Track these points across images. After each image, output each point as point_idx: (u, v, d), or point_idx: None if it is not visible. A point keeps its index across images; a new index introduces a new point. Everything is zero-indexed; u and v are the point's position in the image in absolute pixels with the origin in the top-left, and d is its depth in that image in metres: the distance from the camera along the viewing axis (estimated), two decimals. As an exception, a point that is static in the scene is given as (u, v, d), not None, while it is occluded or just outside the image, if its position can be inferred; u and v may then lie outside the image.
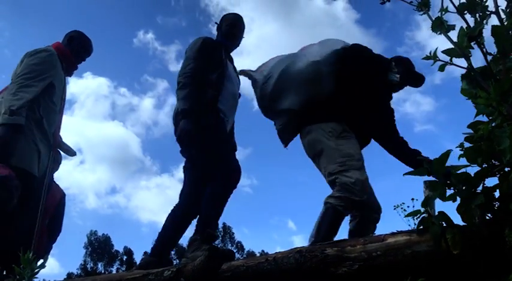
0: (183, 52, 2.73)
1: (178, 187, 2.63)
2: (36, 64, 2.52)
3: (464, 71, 1.36)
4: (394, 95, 2.74)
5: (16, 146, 2.35)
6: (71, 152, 2.90)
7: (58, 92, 2.65)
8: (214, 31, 2.89)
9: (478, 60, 1.49)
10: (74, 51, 2.81)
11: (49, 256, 2.37)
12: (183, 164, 2.66)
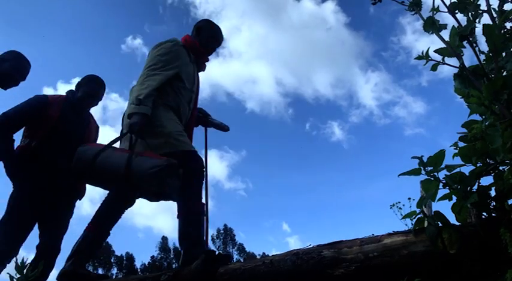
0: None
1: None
2: (161, 55, 2.49)
3: (456, 70, 1.36)
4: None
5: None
6: (224, 128, 2.85)
7: (187, 84, 2.57)
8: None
9: (469, 59, 1.49)
10: (203, 42, 2.68)
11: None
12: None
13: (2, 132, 2.65)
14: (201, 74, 2.75)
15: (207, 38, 2.67)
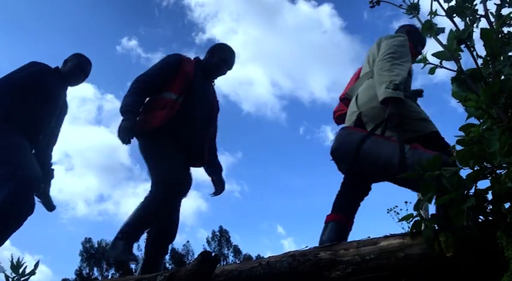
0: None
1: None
2: (398, 46, 2.39)
3: (453, 74, 1.36)
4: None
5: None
6: None
7: (412, 80, 2.48)
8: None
9: (465, 63, 1.49)
10: (414, 44, 2.61)
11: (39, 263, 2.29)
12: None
13: (136, 88, 2.56)
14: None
15: (416, 42, 2.65)
